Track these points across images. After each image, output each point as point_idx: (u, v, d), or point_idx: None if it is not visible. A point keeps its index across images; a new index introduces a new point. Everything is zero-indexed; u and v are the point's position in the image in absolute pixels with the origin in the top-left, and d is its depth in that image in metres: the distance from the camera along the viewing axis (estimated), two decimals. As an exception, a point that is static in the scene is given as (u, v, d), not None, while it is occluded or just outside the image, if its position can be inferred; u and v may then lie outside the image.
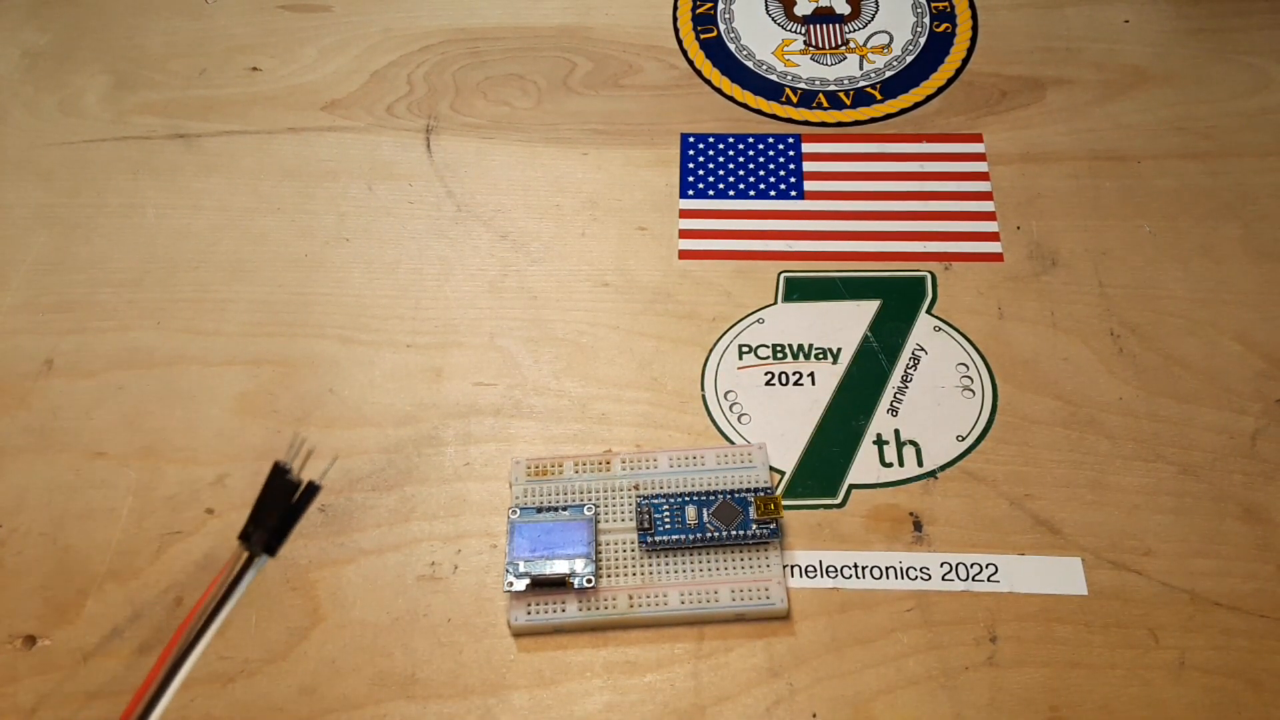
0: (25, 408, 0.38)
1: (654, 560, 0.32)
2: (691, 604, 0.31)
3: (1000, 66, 0.47)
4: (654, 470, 0.34)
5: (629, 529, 0.33)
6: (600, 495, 0.33)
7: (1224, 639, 0.32)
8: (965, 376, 0.38)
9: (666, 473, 0.34)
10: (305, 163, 0.45)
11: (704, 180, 0.44)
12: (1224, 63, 0.46)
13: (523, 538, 0.32)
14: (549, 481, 0.34)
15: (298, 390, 0.38)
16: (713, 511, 0.33)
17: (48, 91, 0.48)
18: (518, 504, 0.33)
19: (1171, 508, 0.34)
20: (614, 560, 0.32)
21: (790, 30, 0.49)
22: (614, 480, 0.34)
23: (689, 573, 0.32)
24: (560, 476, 0.34)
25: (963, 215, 0.42)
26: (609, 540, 0.32)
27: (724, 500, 0.33)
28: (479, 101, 0.47)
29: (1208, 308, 0.39)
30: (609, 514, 0.33)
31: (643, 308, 0.40)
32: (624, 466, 0.34)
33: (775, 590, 0.32)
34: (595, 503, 0.33)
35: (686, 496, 0.33)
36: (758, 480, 0.34)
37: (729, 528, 0.32)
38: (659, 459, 0.34)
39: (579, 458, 0.34)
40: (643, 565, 0.32)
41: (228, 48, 0.49)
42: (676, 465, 0.34)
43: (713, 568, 0.32)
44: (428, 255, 0.42)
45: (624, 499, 0.33)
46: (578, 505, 0.33)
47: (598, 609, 0.31)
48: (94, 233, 0.43)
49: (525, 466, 0.34)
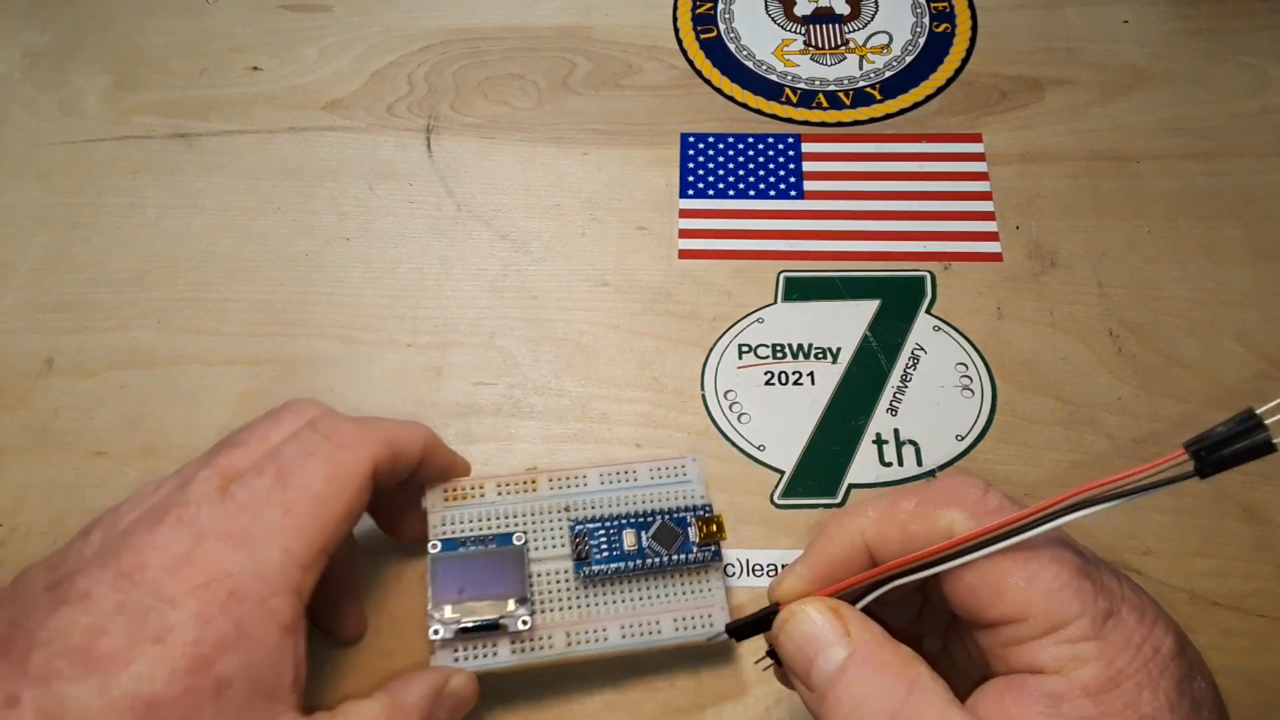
0: (26, 407, 0.38)
1: (591, 592, 0.29)
2: (632, 637, 0.29)
3: (1000, 67, 0.47)
4: (584, 489, 0.31)
5: (563, 557, 0.29)
6: (528, 520, 0.30)
7: (1223, 639, 0.32)
8: (964, 376, 0.38)
9: (598, 491, 0.31)
10: (305, 162, 0.45)
11: (704, 180, 0.44)
12: (1223, 63, 0.46)
13: (448, 576, 0.28)
14: (469, 506, 0.30)
15: (298, 390, 0.38)
16: (651, 534, 0.30)
17: (48, 91, 0.48)
18: (437, 535, 0.29)
19: (1171, 508, 0.34)
20: (548, 595, 0.29)
21: (790, 30, 0.49)
22: (542, 502, 0.30)
23: (629, 603, 0.29)
24: (482, 500, 0.30)
25: (962, 215, 0.42)
26: (541, 572, 0.29)
27: (662, 521, 0.30)
28: (479, 101, 0.47)
29: (1207, 308, 0.39)
30: (540, 541, 0.30)
31: (643, 307, 0.40)
32: (551, 486, 0.31)
33: (718, 616, 0.29)
34: (524, 529, 0.30)
35: (623, 519, 0.30)
36: (694, 497, 0.31)
37: (669, 552, 0.29)
38: (588, 477, 0.31)
39: (502, 478, 0.30)
40: (579, 598, 0.29)
41: (228, 47, 0.49)
42: (608, 482, 0.31)
43: (653, 596, 0.29)
44: (428, 255, 0.42)
45: (555, 523, 0.30)
46: (505, 534, 0.29)
47: (532, 650, 0.28)
48: (94, 232, 0.43)
49: (441, 491, 0.30)
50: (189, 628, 0.22)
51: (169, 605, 0.22)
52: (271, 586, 0.23)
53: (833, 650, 0.21)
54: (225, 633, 0.22)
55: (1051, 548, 0.21)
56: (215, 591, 0.22)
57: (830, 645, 0.21)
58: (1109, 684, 0.19)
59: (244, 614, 0.22)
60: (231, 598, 0.22)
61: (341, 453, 0.25)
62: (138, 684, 0.21)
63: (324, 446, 0.25)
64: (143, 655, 0.21)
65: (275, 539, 0.23)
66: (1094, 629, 0.20)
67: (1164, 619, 0.21)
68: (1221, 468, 0.19)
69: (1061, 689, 0.19)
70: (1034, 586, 0.20)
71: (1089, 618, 0.20)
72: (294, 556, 0.23)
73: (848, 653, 0.21)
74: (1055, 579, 0.20)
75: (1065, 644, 0.20)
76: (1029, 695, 0.20)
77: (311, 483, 0.25)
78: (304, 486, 0.24)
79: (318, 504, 0.24)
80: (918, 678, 0.20)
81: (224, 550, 0.23)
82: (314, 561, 0.24)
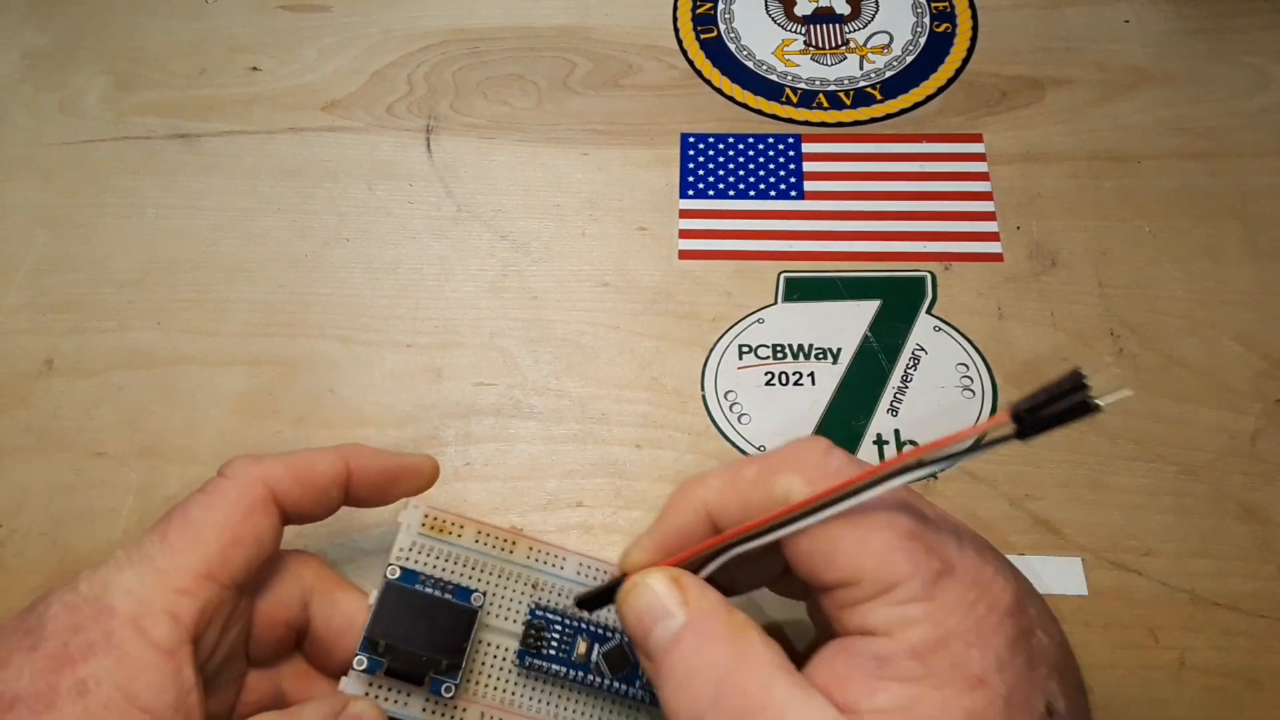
0: (26, 407, 0.38)
1: (524, 683, 0.27)
2: None
3: (1000, 66, 0.47)
4: (558, 572, 0.29)
5: (512, 635, 0.28)
6: (494, 581, 0.28)
7: (1224, 639, 0.32)
8: (965, 377, 0.38)
9: (571, 580, 0.29)
10: (305, 163, 0.45)
11: (704, 180, 0.44)
12: (1224, 63, 0.46)
13: (394, 608, 0.26)
14: (444, 543, 0.28)
15: (298, 390, 0.38)
16: (604, 651, 0.27)
17: (48, 91, 0.48)
18: (400, 560, 0.27)
19: (1171, 508, 0.34)
20: (482, 669, 0.27)
21: (790, 30, 0.49)
22: (514, 568, 0.28)
23: (556, 711, 0.27)
24: (457, 541, 0.28)
25: (963, 215, 0.42)
26: (486, 640, 0.28)
27: (619, 643, 0.28)
28: (479, 101, 0.47)
29: (1207, 308, 0.39)
30: (496, 608, 0.28)
31: (643, 308, 0.40)
32: (529, 556, 0.29)
33: None
34: (485, 590, 0.28)
35: (584, 623, 0.28)
36: None
37: (613, 677, 0.27)
38: (567, 562, 0.29)
39: (484, 526, 0.28)
40: (510, 684, 0.27)
41: (228, 47, 0.49)
42: (583, 575, 0.29)
43: (583, 714, 0.27)
44: (428, 255, 0.42)
45: (518, 595, 0.28)
46: (465, 589, 0.27)
47: (442, 718, 0.27)
48: (94, 233, 0.43)
49: (423, 515, 0.28)
50: (60, 635, 0.23)
51: (50, 620, 0.24)
52: (144, 605, 0.23)
53: (670, 620, 0.22)
54: (94, 640, 0.23)
55: (885, 511, 0.21)
56: (90, 605, 0.24)
57: (668, 616, 0.22)
58: (937, 644, 0.19)
59: (115, 626, 0.23)
60: (104, 611, 0.23)
61: (226, 482, 0.26)
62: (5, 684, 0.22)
63: (214, 482, 0.26)
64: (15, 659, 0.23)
65: (151, 561, 0.24)
66: (924, 590, 0.20)
67: (1003, 578, 0.21)
68: (1042, 429, 0.19)
69: (889, 651, 0.20)
70: (865, 549, 0.20)
71: (919, 579, 0.20)
72: (168, 578, 0.24)
73: (683, 622, 0.21)
74: (885, 542, 0.20)
75: (894, 605, 0.20)
76: (857, 657, 0.20)
77: (189, 511, 0.25)
78: (182, 515, 0.25)
79: (194, 528, 0.25)
80: (747, 646, 0.20)
81: (107, 574, 0.24)
82: (192, 586, 0.24)
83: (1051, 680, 0.20)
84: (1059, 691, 0.20)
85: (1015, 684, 0.19)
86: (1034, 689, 0.19)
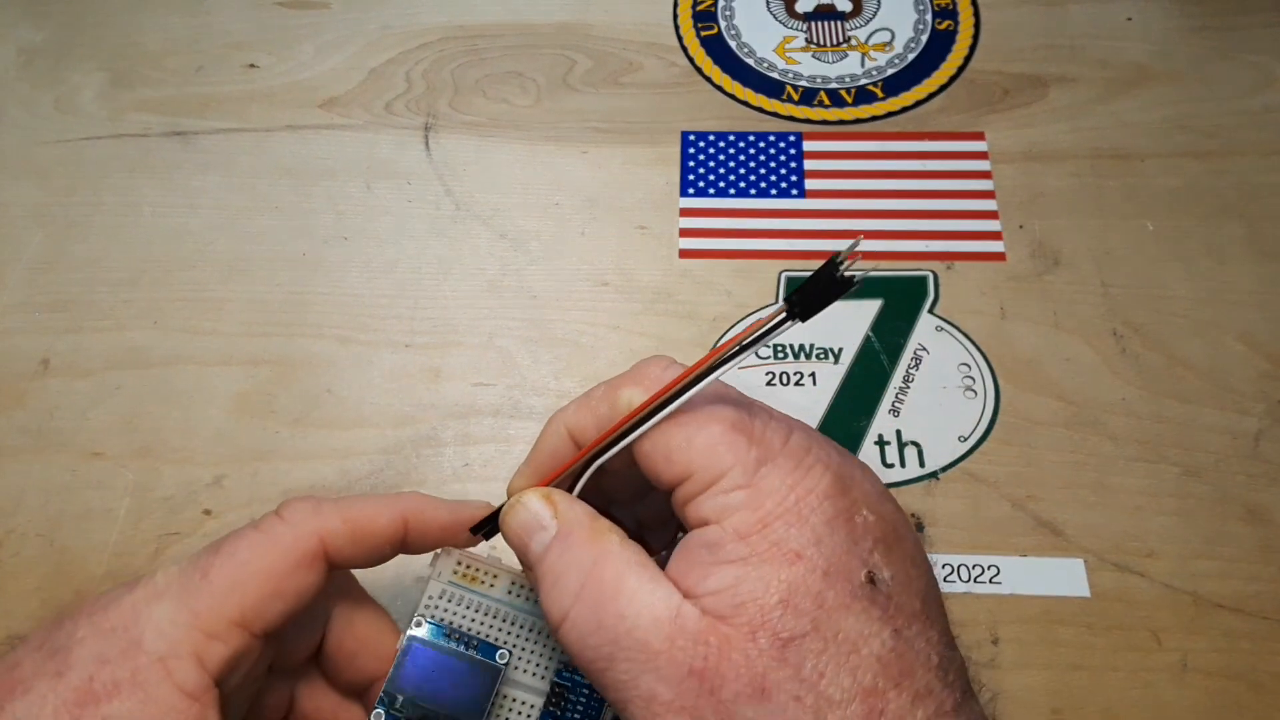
0: (22, 408, 0.38)
1: None
2: None
3: (1002, 64, 0.47)
4: None
5: (538, 693, 0.27)
6: (523, 634, 0.27)
7: (1226, 641, 0.32)
8: (967, 377, 0.38)
9: None
10: (303, 161, 0.44)
11: (704, 179, 0.43)
12: (1227, 61, 0.46)
13: (418, 664, 0.26)
14: (474, 592, 0.27)
15: (295, 390, 0.38)
16: None
17: (44, 89, 0.47)
18: (429, 613, 0.27)
19: (1174, 509, 0.34)
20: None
21: (791, 27, 0.49)
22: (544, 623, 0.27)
23: None
24: (488, 593, 0.27)
25: (965, 214, 0.42)
26: (510, 696, 0.27)
27: None
28: (478, 99, 0.46)
29: (1211, 308, 0.39)
30: (523, 662, 0.27)
31: (643, 308, 0.40)
32: None
33: None
34: (513, 646, 0.27)
35: None
36: None
37: None
38: None
39: (518, 577, 0.27)
40: None
41: (225, 45, 0.49)
42: None
43: None
44: (426, 254, 0.41)
45: (546, 652, 0.27)
46: (492, 646, 0.27)
47: None
48: (90, 231, 0.43)
49: (456, 562, 0.27)
50: (86, 666, 0.23)
51: (76, 644, 0.23)
52: (171, 645, 0.23)
53: (543, 533, 0.23)
54: (120, 678, 0.22)
55: (709, 408, 0.23)
56: (119, 637, 0.23)
57: (541, 528, 0.23)
58: (758, 525, 0.21)
59: (141, 665, 0.23)
60: (133, 645, 0.23)
61: (281, 526, 0.25)
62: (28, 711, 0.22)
63: (269, 521, 0.25)
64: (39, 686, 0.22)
65: (187, 599, 0.24)
66: (745, 478, 0.21)
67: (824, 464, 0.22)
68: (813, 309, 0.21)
69: (717, 537, 0.21)
70: (693, 446, 0.22)
71: (740, 468, 0.22)
72: (200, 620, 0.23)
73: (554, 533, 0.23)
74: (709, 436, 0.22)
75: (720, 494, 0.22)
76: (694, 547, 0.22)
77: (237, 550, 0.24)
78: (230, 553, 0.24)
79: (238, 571, 0.24)
80: (607, 546, 0.22)
81: (140, 601, 0.24)
82: (224, 632, 0.23)
83: (875, 553, 0.21)
84: (883, 562, 0.21)
85: (833, 556, 0.21)
86: (854, 560, 0.21)
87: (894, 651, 0.20)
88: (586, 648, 0.21)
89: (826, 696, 0.19)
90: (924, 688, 0.20)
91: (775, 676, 0.20)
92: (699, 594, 0.21)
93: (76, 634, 0.23)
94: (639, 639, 0.21)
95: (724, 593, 0.21)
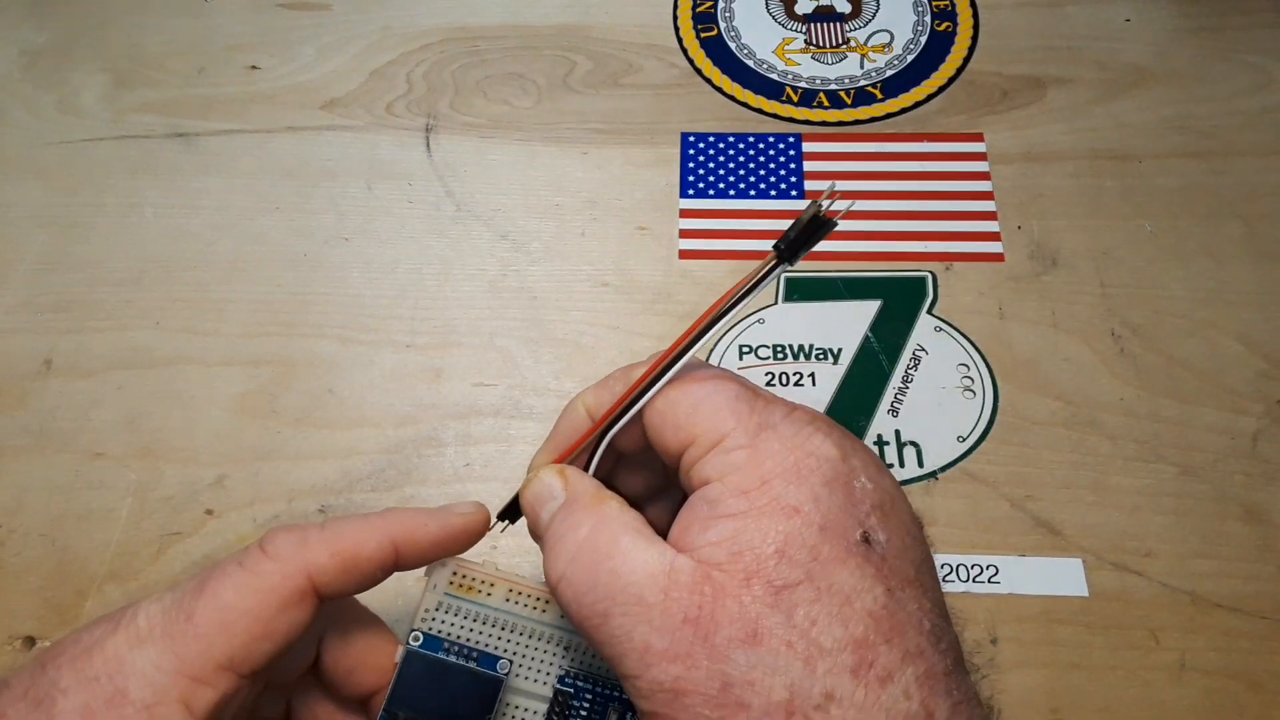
0: (24, 408, 0.38)
1: None
2: None
3: (1001, 65, 0.47)
4: None
5: (540, 701, 0.26)
6: (523, 642, 0.27)
7: (1225, 640, 0.32)
8: (966, 377, 0.38)
9: None
10: (304, 162, 0.45)
11: (704, 180, 0.43)
12: (1226, 62, 0.46)
13: (417, 677, 0.26)
14: (471, 603, 0.27)
15: (297, 391, 0.38)
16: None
17: (46, 90, 0.48)
18: (425, 626, 0.26)
19: (1172, 509, 0.34)
20: None
21: (791, 29, 0.49)
22: (545, 629, 0.27)
23: None
24: (486, 601, 0.27)
25: (963, 215, 0.42)
26: (514, 703, 0.26)
27: None
28: (478, 100, 0.46)
29: (1209, 308, 0.39)
30: (525, 670, 0.26)
31: (643, 308, 0.40)
32: (562, 616, 0.27)
33: None
34: (513, 652, 0.26)
35: (617, 693, 0.26)
36: None
37: None
38: None
39: (515, 584, 0.27)
40: None
41: (226, 46, 0.49)
42: None
43: None
44: (427, 255, 0.42)
45: (549, 658, 0.27)
46: (492, 656, 0.26)
47: None
48: (92, 232, 0.43)
49: (452, 573, 0.27)
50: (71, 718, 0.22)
51: (60, 694, 0.22)
52: (157, 694, 0.22)
53: (553, 502, 0.24)
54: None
55: (713, 378, 0.24)
56: (104, 686, 0.22)
57: (552, 499, 0.24)
58: (759, 483, 0.22)
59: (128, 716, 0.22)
60: (118, 695, 0.22)
61: (267, 564, 0.24)
62: None
63: (253, 558, 0.25)
64: None
65: (171, 644, 0.23)
66: (747, 439, 0.22)
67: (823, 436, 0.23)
68: (798, 250, 0.22)
69: (718, 493, 0.22)
70: (699, 411, 0.23)
71: (742, 430, 0.22)
72: (186, 666, 0.23)
73: (562, 502, 0.24)
74: (714, 403, 0.23)
75: (721, 454, 0.22)
76: (696, 505, 0.22)
77: (222, 591, 0.24)
78: (214, 594, 0.24)
79: (224, 613, 0.23)
80: (605, 512, 0.23)
81: (123, 646, 0.23)
82: (211, 676, 0.23)
83: (872, 516, 0.22)
84: (879, 525, 0.22)
85: (830, 514, 0.21)
86: (851, 520, 0.21)
87: (886, 609, 0.20)
88: (582, 605, 0.22)
89: (818, 644, 0.20)
90: (915, 648, 0.20)
91: (768, 622, 0.20)
92: (697, 546, 0.21)
93: (60, 683, 0.22)
94: (634, 594, 0.21)
95: (722, 543, 0.21)
